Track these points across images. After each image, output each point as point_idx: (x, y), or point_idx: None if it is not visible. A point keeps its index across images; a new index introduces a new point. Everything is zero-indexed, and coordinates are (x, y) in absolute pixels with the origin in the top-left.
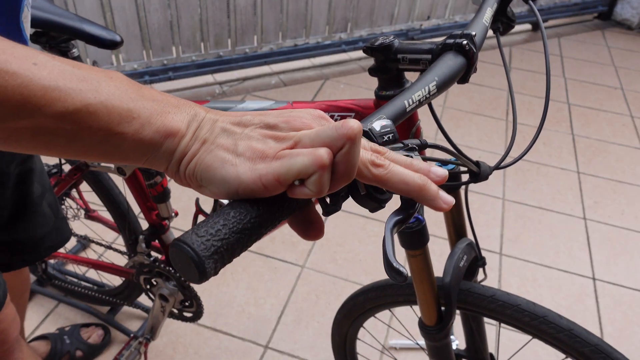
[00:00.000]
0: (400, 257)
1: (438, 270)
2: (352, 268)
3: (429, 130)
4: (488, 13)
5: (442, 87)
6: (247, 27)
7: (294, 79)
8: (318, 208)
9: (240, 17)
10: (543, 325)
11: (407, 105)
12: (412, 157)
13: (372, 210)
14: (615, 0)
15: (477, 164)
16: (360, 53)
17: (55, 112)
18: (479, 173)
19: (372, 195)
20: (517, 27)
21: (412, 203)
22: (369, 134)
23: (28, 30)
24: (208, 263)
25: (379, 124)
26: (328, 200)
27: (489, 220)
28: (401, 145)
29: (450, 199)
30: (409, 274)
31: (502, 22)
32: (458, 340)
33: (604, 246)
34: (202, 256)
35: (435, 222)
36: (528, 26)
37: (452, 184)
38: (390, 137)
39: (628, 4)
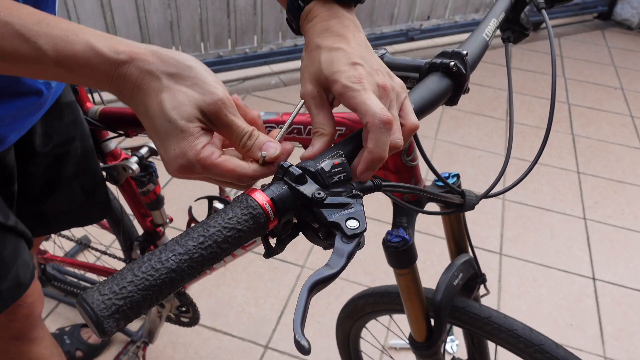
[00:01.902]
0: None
1: (439, 272)
2: (352, 268)
3: (428, 131)
4: (492, 25)
5: (420, 113)
6: (247, 27)
7: (294, 79)
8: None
9: (240, 17)
10: (538, 354)
11: None
12: (353, 205)
13: (325, 248)
14: (615, 0)
15: (461, 193)
16: None
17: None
18: (463, 204)
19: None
20: None
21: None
22: (316, 176)
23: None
24: (107, 322)
25: (330, 163)
26: (271, 240)
27: (489, 220)
28: (347, 189)
29: None
30: (311, 348)
31: (514, 30)
32: (458, 340)
33: (604, 246)
34: (101, 316)
35: (436, 222)
36: None
37: (437, 213)
38: (342, 177)
39: (628, 4)
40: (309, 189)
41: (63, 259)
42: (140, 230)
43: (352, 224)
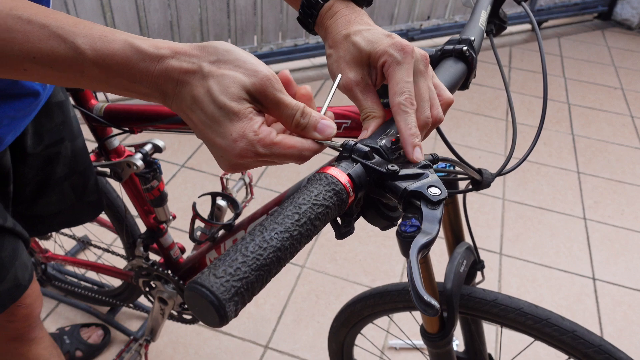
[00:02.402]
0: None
1: (438, 270)
2: (352, 268)
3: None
4: (483, 16)
5: None
6: (247, 27)
7: (294, 79)
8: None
9: (240, 17)
10: (546, 328)
11: None
12: (427, 174)
13: (383, 228)
14: (615, 0)
15: (479, 171)
16: None
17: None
18: (481, 181)
19: (383, 212)
20: (517, 27)
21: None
22: (380, 152)
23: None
24: (229, 306)
25: (388, 140)
26: (340, 221)
27: (489, 220)
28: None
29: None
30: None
31: (495, 24)
32: (458, 340)
33: (604, 246)
34: (223, 299)
35: None
36: (528, 26)
37: (455, 192)
38: (401, 153)
39: (628, 4)
40: (380, 163)
41: (64, 257)
42: (143, 228)
43: (434, 191)
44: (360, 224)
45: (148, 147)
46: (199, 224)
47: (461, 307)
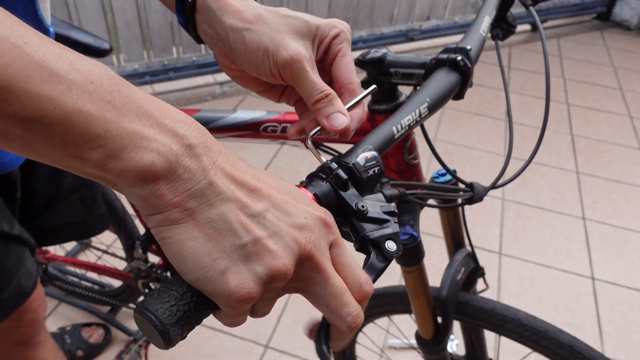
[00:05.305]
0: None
1: (439, 272)
2: None
3: (428, 131)
4: (486, 22)
5: (434, 107)
6: None
7: None
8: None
9: None
10: (544, 341)
11: (395, 132)
12: (390, 224)
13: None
14: (614, 1)
15: (470, 185)
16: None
17: (1, 113)
18: (472, 196)
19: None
20: (517, 28)
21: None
22: (352, 170)
23: (48, 19)
24: (173, 330)
25: (363, 157)
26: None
27: (489, 220)
28: (378, 198)
29: None
30: None
31: (502, 28)
32: (457, 340)
33: (603, 246)
34: (167, 324)
35: (435, 222)
36: (527, 27)
37: (446, 206)
38: (376, 171)
39: (627, 4)
40: (352, 197)
41: (65, 258)
42: (142, 230)
43: (391, 245)
44: None
45: None
46: None
47: (458, 314)
